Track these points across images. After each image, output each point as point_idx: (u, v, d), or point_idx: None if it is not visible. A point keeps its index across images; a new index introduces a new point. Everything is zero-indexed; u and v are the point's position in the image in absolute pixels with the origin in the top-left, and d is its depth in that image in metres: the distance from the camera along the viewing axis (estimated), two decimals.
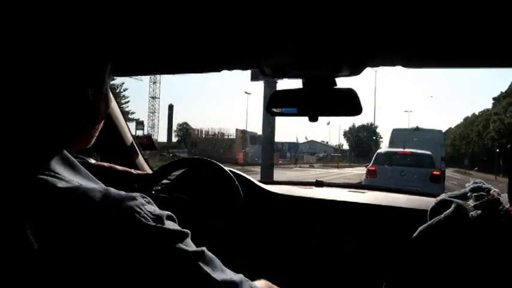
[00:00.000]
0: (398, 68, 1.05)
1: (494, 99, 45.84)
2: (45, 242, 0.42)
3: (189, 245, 0.50)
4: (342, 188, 1.68)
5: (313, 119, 1.18)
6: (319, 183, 1.69)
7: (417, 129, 12.56)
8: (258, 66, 1.09)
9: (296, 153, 55.52)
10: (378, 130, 65.41)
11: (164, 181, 1.46)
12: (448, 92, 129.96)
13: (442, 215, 0.68)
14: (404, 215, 1.26)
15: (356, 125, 71.11)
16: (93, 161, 1.35)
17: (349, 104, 1.12)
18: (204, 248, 0.51)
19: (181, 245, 0.48)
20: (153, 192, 1.37)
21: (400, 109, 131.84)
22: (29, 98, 0.50)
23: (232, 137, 40.72)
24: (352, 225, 1.32)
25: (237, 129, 40.19)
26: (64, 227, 0.44)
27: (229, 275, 0.52)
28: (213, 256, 0.52)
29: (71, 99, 0.53)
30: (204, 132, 42.65)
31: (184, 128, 53.15)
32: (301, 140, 68.45)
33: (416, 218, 0.77)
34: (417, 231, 0.70)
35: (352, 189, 1.59)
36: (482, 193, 0.67)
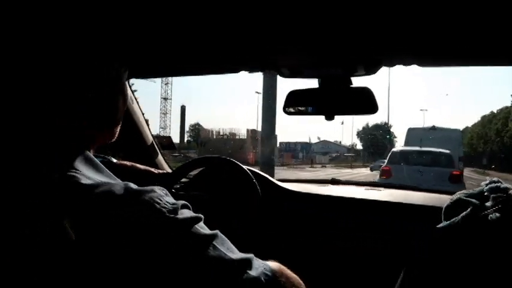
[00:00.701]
0: (413, 67, 1.06)
1: None
2: (76, 235, 0.46)
3: (204, 228, 0.54)
4: (358, 185, 1.69)
5: (329, 117, 1.21)
6: (335, 181, 1.71)
7: (433, 128, 12.24)
8: (275, 66, 1.12)
9: (309, 154, 55.07)
10: (392, 130, 64.43)
11: (183, 180, 1.50)
12: (464, 91, 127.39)
13: (459, 216, 0.66)
14: (422, 212, 1.27)
15: (370, 125, 70.30)
16: (115, 160, 1.40)
17: (365, 102, 1.14)
18: (217, 231, 0.55)
19: (197, 228, 0.52)
20: (173, 190, 1.41)
21: (415, 108, 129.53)
22: (42, 99, 0.54)
23: (243, 137, 40.66)
24: (370, 223, 1.33)
25: (247, 130, 40.12)
26: (90, 220, 0.47)
27: (240, 254, 0.55)
28: (226, 238, 0.56)
29: (79, 99, 0.56)
30: (215, 133, 42.71)
31: (196, 129, 53.24)
32: (314, 140, 67.90)
33: (434, 215, 0.78)
34: (434, 230, 0.70)
35: (369, 187, 1.60)
36: (501, 194, 0.65)
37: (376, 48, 0.97)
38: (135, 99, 1.51)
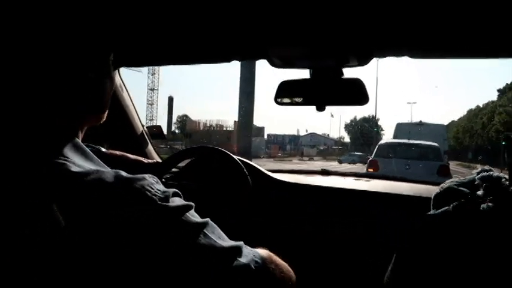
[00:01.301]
0: (401, 61, 1.07)
1: (499, 91, 45.34)
2: (66, 223, 0.45)
3: (195, 216, 0.54)
4: (347, 176, 1.71)
5: (320, 108, 1.21)
6: (325, 172, 1.72)
7: (420, 123, 12.84)
8: (267, 56, 1.12)
9: (297, 146, 55.08)
10: (379, 123, 65.03)
11: (173, 170, 1.49)
12: (451, 85, 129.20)
13: (450, 206, 0.65)
14: (410, 202, 1.29)
15: (358, 118, 70.82)
16: (104, 150, 1.38)
17: (356, 93, 1.15)
18: (208, 219, 0.55)
19: (188, 216, 0.52)
20: (163, 180, 1.41)
21: (402, 101, 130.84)
22: (29, 92, 0.54)
23: (230, 128, 40.06)
24: (358, 212, 1.35)
25: (235, 121, 39.82)
26: (80, 209, 0.47)
27: (230, 242, 0.56)
28: (216, 226, 0.56)
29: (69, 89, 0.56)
30: (202, 124, 42.16)
31: (184, 120, 52.70)
32: (302, 133, 68.00)
33: (422, 205, 0.78)
34: (422, 219, 0.68)
35: (358, 178, 1.62)
36: (492, 183, 0.64)
37: (368, 40, 0.98)
38: (125, 87, 1.49)
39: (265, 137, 56.71)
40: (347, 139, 73.76)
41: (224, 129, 40.50)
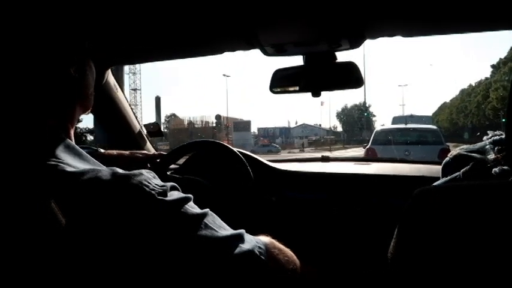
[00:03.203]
0: (391, 43, 1.05)
1: (492, 66, 44.47)
2: (67, 219, 0.46)
3: (194, 208, 0.54)
4: (347, 161, 1.71)
5: (316, 94, 1.21)
6: (325, 159, 1.72)
7: (411, 116, 15.37)
8: (259, 45, 1.11)
9: (288, 138, 54.59)
10: (370, 109, 64.84)
11: (173, 166, 1.49)
12: (441, 66, 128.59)
13: (460, 172, 0.61)
14: (413, 182, 1.29)
15: (349, 106, 70.71)
16: (102, 150, 1.38)
17: (351, 77, 1.14)
18: (207, 209, 0.56)
19: (187, 207, 0.53)
20: (168, 173, 1.41)
21: (393, 84, 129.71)
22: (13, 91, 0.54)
23: (213, 124, 39.76)
24: (360, 196, 1.35)
25: (217, 115, 39.32)
26: (79, 208, 0.47)
27: (232, 230, 0.57)
28: (216, 215, 0.57)
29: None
30: (186, 121, 41.63)
31: (172, 120, 52.20)
32: (293, 125, 67.40)
33: (424, 185, 0.78)
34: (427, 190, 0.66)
35: (358, 162, 1.62)
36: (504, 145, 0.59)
37: (358, 20, 0.96)
38: (119, 87, 1.48)
39: (256, 130, 56.38)
40: (340, 128, 73.63)
41: (210, 125, 39.83)
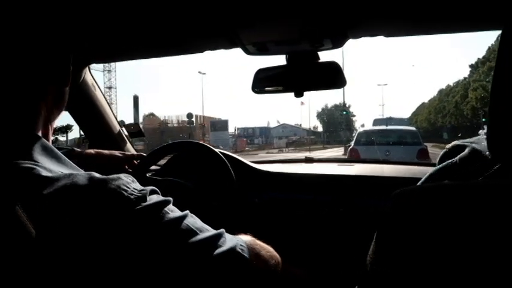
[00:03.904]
0: (370, 42, 1.05)
1: (471, 66, 44.57)
2: (38, 228, 0.43)
3: (174, 211, 0.54)
4: (331, 162, 1.71)
5: (298, 94, 1.19)
6: (308, 160, 1.72)
7: (390, 118, 16.06)
8: (241, 44, 1.09)
9: (268, 139, 54.43)
10: (351, 109, 65.59)
11: (153, 167, 1.46)
12: (419, 67, 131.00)
13: (457, 157, 0.60)
14: (393, 183, 1.29)
15: (329, 106, 71.32)
16: (78, 150, 1.34)
17: (333, 76, 1.14)
18: (187, 211, 0.55)
19: (167, 211, 0.52)
20: (147, 175, 1.38)
21: (372, 83, 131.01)
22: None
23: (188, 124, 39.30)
24: (342, 197, 1.34)
25: (196, 116, 38.20)
26: (53, 214, 0.44)
27: (212, 231, 0.56)
28: (196, 217, 0.57)
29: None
30: (164, 121, 40.90)
31: (146, 119, 51.22)
32: (273, 125, 67.45)
33: (405, 185, 0.77)
34: (426, 175, 0.64)
35: (341, 163, 1.62)
36: None
37: (341, 20, 0.95)
38: (98, 86, 1.44)
39: (235, 130, 55.89)
40: (320, 128, 74.22)
41: (187, 125, 39.21)
